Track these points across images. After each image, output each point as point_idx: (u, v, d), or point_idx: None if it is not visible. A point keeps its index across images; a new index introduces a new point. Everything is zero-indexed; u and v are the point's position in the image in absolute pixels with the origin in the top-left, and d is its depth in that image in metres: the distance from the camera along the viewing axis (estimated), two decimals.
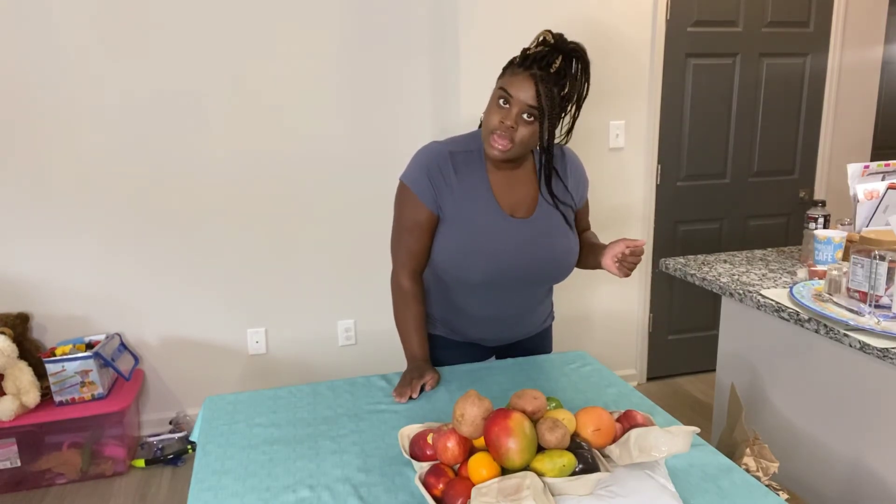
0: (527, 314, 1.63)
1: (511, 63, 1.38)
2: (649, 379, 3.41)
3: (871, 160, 3.12)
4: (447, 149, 1.47)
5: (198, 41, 2.66)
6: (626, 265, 1.42)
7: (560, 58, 1.32)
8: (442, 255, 1.49)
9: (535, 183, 1.52)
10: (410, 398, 1.45)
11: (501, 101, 1.35)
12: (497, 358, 1.76)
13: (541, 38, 1.35)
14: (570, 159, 1.57)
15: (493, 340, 1.66)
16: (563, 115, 1.37)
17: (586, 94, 1.38)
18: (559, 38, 1.34)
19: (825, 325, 1.58)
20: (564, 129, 1.47)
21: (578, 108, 1.40)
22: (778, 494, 1.23)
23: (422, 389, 1.48)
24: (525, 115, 1.33)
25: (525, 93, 1.31)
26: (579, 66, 1.35)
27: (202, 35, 2.66)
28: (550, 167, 1.45)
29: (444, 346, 1.67)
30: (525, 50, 1.36)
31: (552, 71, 1.31)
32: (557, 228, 1.51)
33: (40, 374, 2.54)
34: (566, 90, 1.34)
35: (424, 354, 1.56)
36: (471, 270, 1.47)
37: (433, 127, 2.99)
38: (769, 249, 2.33)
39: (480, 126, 1.48)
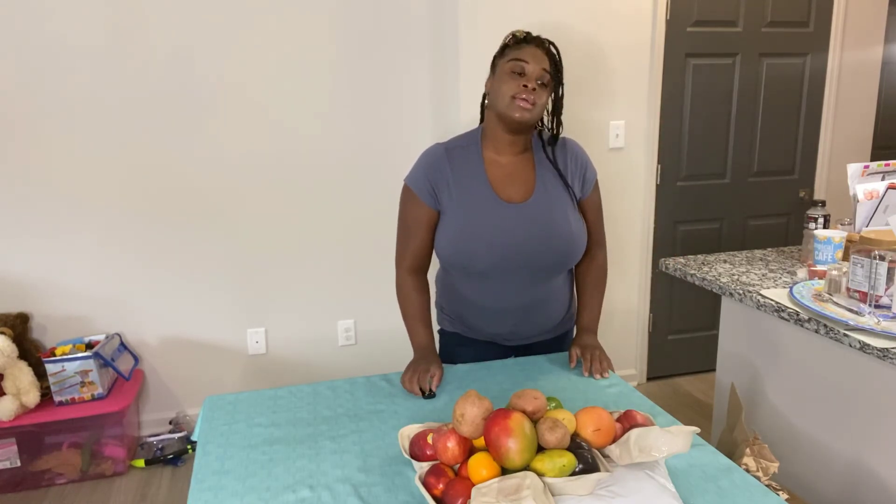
0: (539, 308, 1.61)
1: (506, 45, 1.49)
2: (649, 379, 3.41)
3: (871, 160, 3.12)
4: (444, 147, 1.56)
5: (198, 41, 2.66)
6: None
7: (544, 40, 1.51)
8: (445, 247, 1.53)
9: (532, 171, 1.54)
10: (424, 394, 1.45)
11: (515, 72, 1.45)
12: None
13: (511, 35, 1.51)
14: (571, 148, 1.59)
15: (508, 337, 1.65)
16: (560, 86, 1.52)
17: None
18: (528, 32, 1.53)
19: (825, 325, 1.58)
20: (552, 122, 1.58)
21: (561, 98, 1.55)
22: (778, 494, 1.23)
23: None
24: (539, 81, 1.45)
25: (539, 60, 1.45)
26: (555, 48, 1.52)
27: (202, 35, 2.66)
28: (558, 136, 1.56)
29: (460, 343, 1.68)
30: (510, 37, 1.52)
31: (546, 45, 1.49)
32: (556, 212, 1.52)
33: (40, 374, 2.54)
34: (559, 62, 1.51)
35: (428, 342, 1.58)
36: (472, 257, 1.49)
37: (433, 129, 2.99)
38: (769, 249, 2.33)
39: (481, 119, 1.58)
